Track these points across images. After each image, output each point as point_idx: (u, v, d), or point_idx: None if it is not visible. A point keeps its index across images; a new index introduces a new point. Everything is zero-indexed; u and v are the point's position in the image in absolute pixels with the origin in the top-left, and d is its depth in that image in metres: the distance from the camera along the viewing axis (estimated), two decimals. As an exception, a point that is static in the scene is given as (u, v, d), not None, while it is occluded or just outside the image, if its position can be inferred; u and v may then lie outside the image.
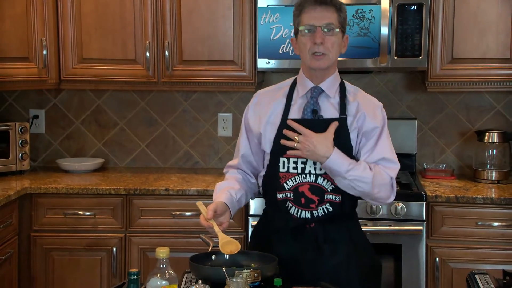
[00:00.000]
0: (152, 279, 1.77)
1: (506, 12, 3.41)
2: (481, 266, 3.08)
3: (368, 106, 2.27)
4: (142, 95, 4.02)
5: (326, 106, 2.25)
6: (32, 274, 3.47)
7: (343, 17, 2.22)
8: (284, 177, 2.22)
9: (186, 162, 4.06)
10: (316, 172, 2.19)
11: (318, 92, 2.25)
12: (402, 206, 3.22)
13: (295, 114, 2.25)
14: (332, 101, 2.26)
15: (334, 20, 2.18)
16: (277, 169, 2.23)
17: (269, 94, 2.36)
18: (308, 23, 2.18)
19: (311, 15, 2.19)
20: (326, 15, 2.18)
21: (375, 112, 2.27)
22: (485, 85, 3.50)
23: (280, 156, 2.23)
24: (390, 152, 2.25)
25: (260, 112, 2.32)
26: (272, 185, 2.26)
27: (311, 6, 2.19)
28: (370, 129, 2.23)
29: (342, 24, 2.22)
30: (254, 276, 1.87)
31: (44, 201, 3.45)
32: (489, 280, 2.02)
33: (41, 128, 4.09)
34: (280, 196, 2.23)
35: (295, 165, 2.21)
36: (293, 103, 2.28)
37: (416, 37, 3.39)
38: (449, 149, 3.88)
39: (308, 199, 2.20)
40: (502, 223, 3.24)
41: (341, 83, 2.30)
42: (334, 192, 2.19)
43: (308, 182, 2.20)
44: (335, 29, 2.18)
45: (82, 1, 3.61)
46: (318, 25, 2.17)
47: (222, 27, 3.58)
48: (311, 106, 2.24)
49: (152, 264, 1.82)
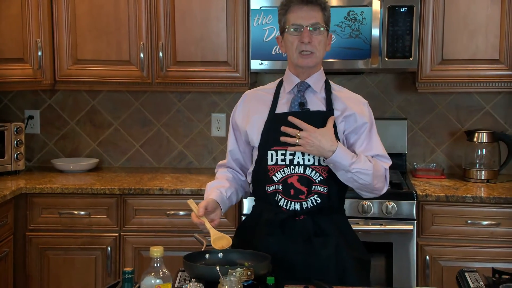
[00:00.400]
0: (146, 278, 1.76)
1: (495, 14, 3.42)
2: (471, 264, 3.09)
3: (354, 103, 2.30)
4: (136, 95, 4.01)
5: (313, 100, 2.27)
6: (28, 273, 3.46)
7: (327, 16, 2.24)
8: (272, 170, 2.22)
9: (180, 162, 4.05)
10: (305, 163, 2.20)
11: (305, 87, 2.28)
12: (393, 205, 3.23)
13: (282, 108, 2.27)
14: (318, 95, 2.28)
15: (320, 19, 2.21)
16: (265, 162, 2.24)
17: (257, 94, 2.38)
18: (295, 22, 2.20)
19: (298, 15, 2.21)
20: (312, 14, 2.20)
21: (362, 108, 2.30)
22: (474, 85, 3.51)
23: (268, 149, 2.23)
24: (382, 149, 2.30)
25: (248, 110, 2.34)
26: (261, 179, 2.26)
27: (297, 6, 2.21)
28: (360, 124, 2.26)
29: (327, 22, 2.25)
30: (247, 274, 1.87)
31: (39, 200, 3.44)
32: (479, 278, 2.02)
33: (36, 129, 4.08)
34: (269, 188, 2.23)
35: (283, 157, 2.21)
36: (280, 98, 2.30)
37: (406, 38, 3.40)
38: (439, 149, 3.89)
39: (297, 190, 2.20)
40: (491, 222, 3.25)
41: (326, 80, 2.33)
42: (321, 184, 2.20)
43: (297, 173, 2.21)
44: (321, 28, 2.20)
45: (77, 3, 3.60)
46: (305, 25, 2.19)
47: (215, 28, 3.58)
48: (298, 99, 2.26)
49: (147, 263, 1.82)
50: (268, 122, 2.26)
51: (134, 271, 1.74)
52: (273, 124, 2.25)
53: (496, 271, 2.09)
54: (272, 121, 2.25)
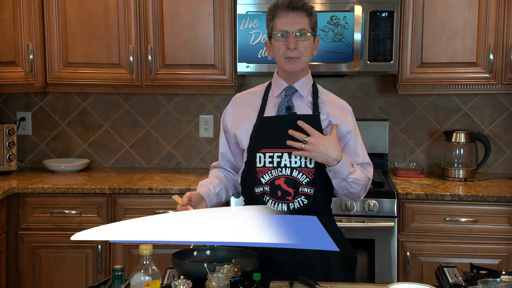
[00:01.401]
0: (136, 275, 1.76)
1: (472, 19, 3.44)
2: (450, 260, 3.11)
3: (339, 109, 2.31)
4: (126, 98, 3.99)
5: (300, 104, 2.28)
6: (20, 271, 3.43)
7: (314, 21, 2.24)
8: (261, 172, 2.22)
9: (169, 162, 4.04)
10: (291, 166, 2.20)
11: (292, 91, 2.28)
12: (375, 203, 3.24)
13: (270, 112, 2.28)
14: (305, 100, 2.29)
15: (306, 25, 2.20)
16: (254, 164, 2.24)
17: (246, 97, 2.39)
18: (281, 28, 2.20)
19: (284, 21, 2.21)
20: (298, 20, 2.20)
21: (346, 117, 2.30)
22: (452, 88, 3.53)
23: (256, 151, 2.23)
24: (366, 156, 2.32)
25: (237, 114, 2.34)
26: (250, 180, 2.26)
27: (283, 12, 2.21)
28: (345, 133, 2.27)
29: (313, 28, 2.24)
30: (234, 271, 1.87)
31: (31, 200, 3.41)
32: (457, 273, 2.03)
33: (28, 130, 4.05)
34: (257, 190, 2.23)
35: (271, 159, 2.21)
36: (268, 102, 2.31)
37: (387, 42, 3.41)
38: (419, 149, 3.90)
39: (284, 191, 2.21)
40: (469, 219, 3.27)
41: (314, 84, 2.33)
42: (308, 185, 2.20)
43: (284, 175, 2.21)
44: (307, 34, 2.20)
45: (68, 7, 3.59)
46: (291, 31, 2.19)
47: (203, 32, 3.57)
48: (285, 104, 2.27)
49: (136, 261, 1.82)
50: (256, 126, 2.26)
51: (124, 268, 1.74)
52: (261, 127, 2.25)
53: (474, 267, 2.10)
54: (261, 125, 2.25)
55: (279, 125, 2.22)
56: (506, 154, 3.83)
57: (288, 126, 2.16)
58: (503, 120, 3.82)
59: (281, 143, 2.17)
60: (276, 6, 2.24)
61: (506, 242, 3.24)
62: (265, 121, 2.26)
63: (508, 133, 3.82)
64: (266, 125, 2.24)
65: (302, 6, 2.21)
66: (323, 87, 2.38)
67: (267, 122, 2.25)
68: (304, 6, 2.22)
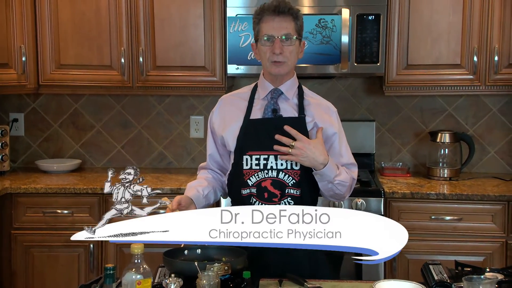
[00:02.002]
0: (127, 274, 1.75)
1: (457, 22, 3.46)
2: (435, 257, 3.12)
3: (324, 111, 2.30)
4: (117, 99, 3.98)
5: (285, 107, 2.27)
6: (13, 270, 3.41)
7: (299, 25, 2.23)
8: (247, 174, 2.22)
9: (160, 162, 4.03)
10: (278, 168, 2.20)
11: (278, 93, 2.27)
12: (362, 202, 3.25)
13: (256, 114, 2.27)
14: (291, 102, 2.28)
15: (292, 29, 2.19)
16: (241, 167, 2.23)
17: (232, 99, 2.37)
18: (267, 33, 2.19)
19: (270, 25, 2.19)
20: (284, 25, 2.18)
21: (331, 118, 2.30)
22: (437, 89, 3.55)
23: (243, 154, 2.23)
24: (351, 156, 2.32)
25: (224, 115, 2.33)
26: (236, 182, 2.26)
27: (269, 16, 2.20)
28: (330, 134, 2.27)
29: (299, 31, 2.23)
30: (225, 269, 1.87)
31: (24, 200, 3.39)
32: (442, 270, 2.04)
33: (21, 131, 4.02)
34: (244, 192, 2.23)
35: (258, 162, 2.21)
36: (254, 104, 2.30)
37: (374, 45, 3.42)
38: (405, 149, 3.92)
39: (271, 193, 2.20)
40: (454, 217, 3.28)
41: (299, 86, 2.33)
42: (294, 187, 2.20)
43: (270, 177, 2.20)
44: (293, 38, 2.19)
45: (60, 10, 3.57)
46: (276, 36, 2.18)
47: (193, 35, 3.56)
48: (271, 106, 2.26)
49: (128, 260, 1.80)
50: (243, 128, 2.25)
51: (116, 267, 1.74)
52: (248, 130, 2.24)
53: (458, 264, 2.11)
54: (247, 127, 2.24)
55: (265, 127, 2.22)
56: (489, 154, 3.85)
57: (274, 129, 2.16)
58: (487, 121, 3.84)
59: (267, 146, 2.17)
60: (262, 10, 2.22)
61: (490, 240, 3.26)
62: (251, 123, 2.25)
63: (491, 134, 3.84)
64: (253, 127, 2.23)
65: (288, 10, 2.19)
66: (311, 89, 2.38)
67: (253, 125, 2.24)
68: (290, 10, 2.20)
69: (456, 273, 2.03)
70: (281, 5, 2.19)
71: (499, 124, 3.83)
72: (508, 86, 3.48)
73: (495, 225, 3.26)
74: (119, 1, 3.54)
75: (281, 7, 2.19)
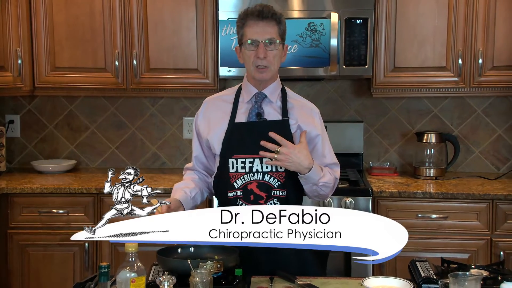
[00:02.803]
0: (121, 272, 1.75)
1: (442, 26, 3.47)
2: (422, 254, 3.12)
3: (307, 113, 2.30)
4: (111, 100, 3.97)
5: (269, 110, 2.26)
6: (9, 269, 3.39)
7: (282, 29, 2.21)
8: (234, 177, 2.21)
9: (154, 162, 4.02)
10: (263, 170, 2.20)
11: (262, 97, 2.27)
12: (351, 201, 3.25)
13: (241, 118, 2.26)
14: (274, 105, 2.27)
15: (275, 33, 2.18)
16: (227, 170, 2.22)
17: (217, 101, 2.35)
18: (251, 37, 2.18)
19: (254, 30, 2.18)
20: (268, 30, 2.17)
21: (314, 120, 2.29)
22: (423, 91, 3.56)
23: (229, 157, 2.22)
24: (334, 156, 2.33)
25: (209, 118, 2.32)
26: (223, 185, 2.25)
27: (253, 21, 2.18)
28: (313, 136, 2.27)
29: (282, 35, 2.22)
30: (217, 267, 1.87)
31: (20, 200, 3.37)
32: (429, 267, 2.05)
33: (17, 132, 4.00)
34: (231, 194, 2.22)
35: (243, 165, 2.20)
36: (239, 107, 2.28)
37: (362, 48, 3.43)
38: (392, 149, 3.93)
39: (257, 195, 2.20)
40: (439, 215, 3.29)
41: (283, 88, 2.32)
42: (279, 188, 2.20)
43: (256, 180, 2.20)
44: (276, 42, 2.18)
45: (55, 13, 3.55)
46: (260, 40, 2.17)
47: (186, 38, 3.56)
48: (255, 110, 2.25)
49: (122, 258, 1.80)
50: (228, 132, 2.24)
51: (110, 265, 1.73)
52: (233, 133, 2.23)
53: (444, 261, 2.12)
54: (232, 131, 2.23)
55: (250, 131, 2.21)
56: (474, 154, 3.87)
57: (259, 132, 2.16)
58: (471, 122, 3.85)
59: (252, 149, 2.17)
60: (246, 14, 2.21)
61: (475, 238, 3.27)
62: (236, 127, 2.24)
63: (476, 134, 3.86)
64: (237, 131, 2.22)
65: (271, 15, 2.18)
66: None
67: (238, 129, 2.23)
68: (273, 15, 2.19)
69: (442, 270, 2.03)
70: (265, 10, 2.18)
71: (483, 125, 3.85)
72: (492, 88, 3.50)
73: (480, 223, 3.27)
74: (113, 5, 3.53)
75: (264, 12, 2.17)
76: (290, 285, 2.00)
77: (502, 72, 3.47)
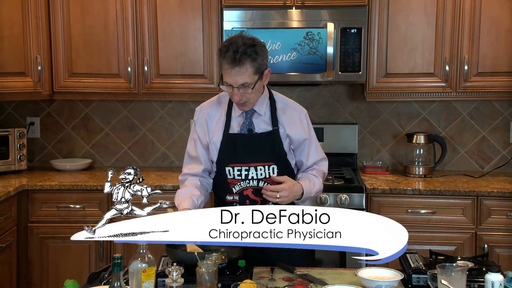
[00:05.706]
0: (133, 263, 1.74)
1: (430, 35, 3.46)
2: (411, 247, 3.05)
3: (295, 117, 2.27)
4: (124, 104, 3.96)
5: (259, 122, 2.24)
6: (29, 259, 3.39)
7: (260, 63, 2.06)
8: (231, 183, 2.21)
9: (163, 161, 4.02)
10: (258, 177, 2.20)
11: (251, 112, 2.24)
12: (346, 197, 3.25)
13: (234, 129, 2.24)
14: (263, 118, 2.24)
15: (248, 77, 2.05)
16: (225, 176, 2.22)
17: (211, 110, 2.29)
18: (226, 81, 2.09)
19: (228, 76, 2.07)
20: (240, 77, 2.05)
21: (302, 123, 2.27)
22: (413, 95, 3.55)
23: (225, 166, 2.21)
24: (321, 152, 2.32)
25: (204, 128, 2.28)
26: (221, 190, 2.26)
27: (227, 66, 2.05)
28: (301, 141, 2.26)
29: (259, 69, 2.08)
30: (222, 258, 1.87)
31: (39, 196, 3.38)
32: (418, 258, 2.05)
33: (37, 133, 4.00)
34: (228, 198, 2.23)
35: (240, 173, 2.20)
36: (232, 119, 2.25)
37: (356, 55, 3.43)
38: (384, 149, 3.92)
39: (252, 200, 2.20)
40: (428, 211, 3.29)
41: (271, 96, 2.27)
42: None
43: (252, 186, 2.20)
44: (250, 86, 2.08)
45: (72, 24, 3.55)
46: (235, 86, 2.08)
47: (193, 46, 3.55)
48: (247, 126, 2.23)
49: (134, 250, 1.80)
50: (223, 142, 2.22)
51: (123, 256, 1.73)
52: (228, 144, 2.22)
53: (432, 253, 2.12)
54: (227, 142, 2.22)
55: (243, 143, 2.21)
56: (460, 154, 3.86)
57: (252, 144, 2.17)
58: (457, 124, 3.84)
59: (246, 159, 2.18)
60: (221, 55, 2.06)
61: (461, 231, 3.26)
62: (230, 138, 2.22)
63: (461, 135, 3.85)
64: (232, 142, 2.21)
65: (245, 56, 2.02)
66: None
67: (232, 140, 2.21)
68: (246, 55, 2.02)
69: (430, 261, 2.03)
70: (237, 55, 2.02)
71: (469, 127, 3.84)
72: (476, 92, 3.49)
73: (465, 217, 3.26)
74: (126, 15, 3.53)
75: (236, 57, 2.02)
76: (289, 275, 1.99)
77: (486, 78, 3.46)
